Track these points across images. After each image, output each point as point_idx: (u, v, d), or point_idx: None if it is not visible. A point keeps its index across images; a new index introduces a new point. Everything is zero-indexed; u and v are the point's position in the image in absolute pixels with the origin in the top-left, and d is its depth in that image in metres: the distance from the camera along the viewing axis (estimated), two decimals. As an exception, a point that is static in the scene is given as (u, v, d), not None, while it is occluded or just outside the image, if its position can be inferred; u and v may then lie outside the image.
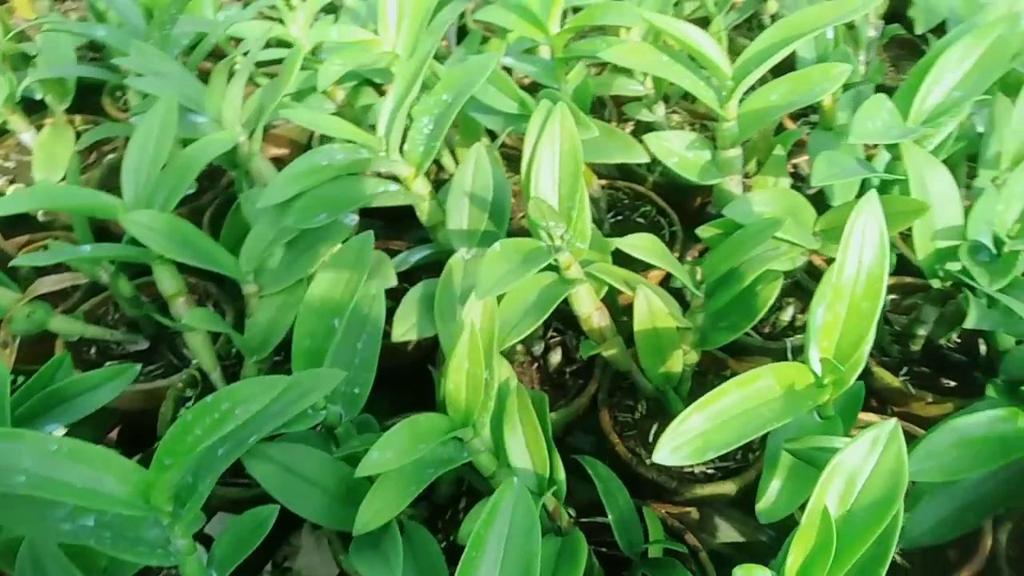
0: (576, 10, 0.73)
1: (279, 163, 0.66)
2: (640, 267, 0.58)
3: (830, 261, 0.72)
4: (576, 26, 0.70)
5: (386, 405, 0.58)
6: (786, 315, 0.70)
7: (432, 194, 0.62)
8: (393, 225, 0.79)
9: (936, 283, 0.57)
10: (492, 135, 0.85)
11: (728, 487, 0.56)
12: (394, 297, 0.58)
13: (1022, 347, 0.57)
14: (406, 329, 0.55)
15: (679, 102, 0.94)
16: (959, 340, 0.68)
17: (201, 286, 0.71)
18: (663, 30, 0.58)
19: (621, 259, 0.58)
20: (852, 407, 0.50)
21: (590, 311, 0.56)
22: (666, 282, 0.72)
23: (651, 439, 0.61)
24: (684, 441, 0.42)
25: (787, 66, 0.63)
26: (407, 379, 0.65)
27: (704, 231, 0.61)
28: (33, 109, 0.88)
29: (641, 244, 0.53)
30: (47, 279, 0.62)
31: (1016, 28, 0.57)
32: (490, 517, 0.39)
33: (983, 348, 0.66)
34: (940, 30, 1.00)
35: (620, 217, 0.80)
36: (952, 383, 0.65)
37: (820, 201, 0.65)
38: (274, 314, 0.58)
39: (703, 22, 0.80)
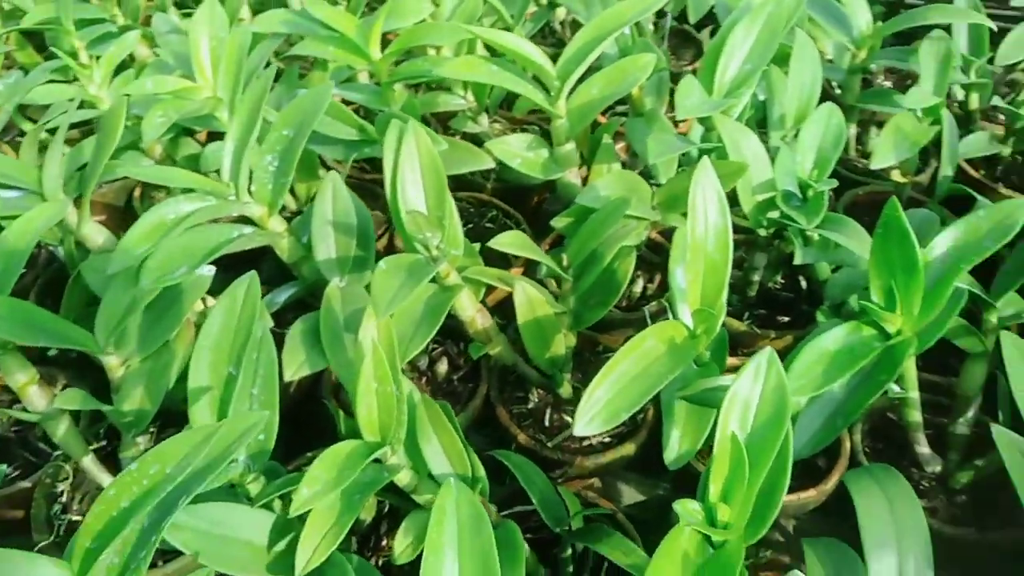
0: (387, 36, 0.74)
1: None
2: (502, 266, 0.61)
3: (663, 234, 0.80)
4: (398, 49, 0.72)
5: (282, 449, 0.56)
6: (638, 287, 0.76)
7: (289, 230, 0.61)
8: (238, 270, 0.76)
9: (762, 231, 0.65)
10: (325, 165, 0.85)
11: (628, 448, 0.60)
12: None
13: (839, 273, 0.66)
14: (297, 366, 0.54)
15: (498, 112, 0.98)
16: (783, 281, 0.77)
17: (44, 372, 0.65)
18: (491, 41, 0.61)
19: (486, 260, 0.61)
20: (721, 352, 0.56)
21: (473, 314, 0.58)
22: (526, 276, 0.76)
23: (548, 424, 0.64)
24: (596, 412, 0.45)
25: (594, 67, 0.68)
26: (295, 420, 0.64)
27: (558, 221, 0.65)
28: None
29: (511, 241, 0.56)
30: None
31: (781, 6, 0.67)
32: (438, 520, 0.40)
33: (804, 284, 0.76)
34: (709, 19, 1.13)
35: (471, 225, 0.82)
36: (786, 319, 0.74)
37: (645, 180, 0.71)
38: (145, 382, 0.55)
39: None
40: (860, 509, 0.44)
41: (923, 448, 0.59)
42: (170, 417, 0.59)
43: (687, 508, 0.40)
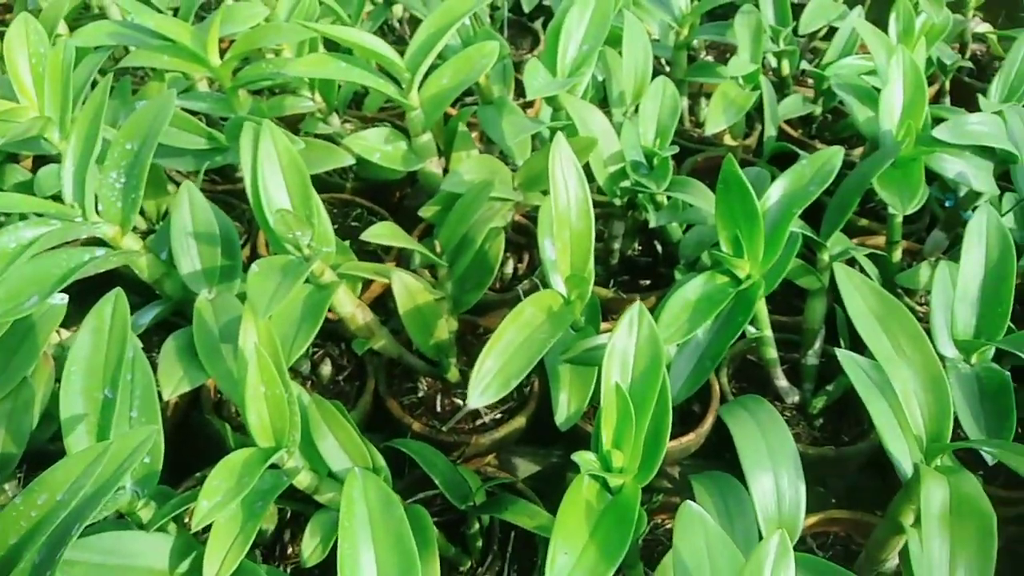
0: (221, 41, 0.72)
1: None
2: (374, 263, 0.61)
3: (526, 216, 0.83)
4: (239, 53, 0.70)
5: (167, 474, 0.54)
6: (508, 269, 0.78)
7: (146, 247, 0.59)
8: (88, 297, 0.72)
9: (617, 201, 0.69)
10: (173, 181, 0.81)
11: (519, 422, 0.63)
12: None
13: (690, 232, 0.71)
14: (175, 384, 0.52)
15: (347, 111, 0.97)
16: (640, 248, 0.82)
17: None
18: (336, 38, 0.61)
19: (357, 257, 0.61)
20: (594, 317, 0.59)
21: (352, 310, 0.58)
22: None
23: (440, 410, 0.65)
24: (488, 382, 0.47)
25: (438, 60, 0.69)
26: (174, 444, 0.61)
27: (426, 211, 0.66)
28: None
29: (383, 232, 0.57)
30: None
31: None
32: (348, 509, 0.40)
33: (660, 249, 0.81)
34: (540, 11, 1.18)
35: (336, 225, 0.81)
36: (648, 282, 0.78)
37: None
38: (6, 424, 0.51)
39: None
40: (736, 436, 0.48)
41: (782, 382, 0.66)
42: (37, 459, 0.55)
43: (585, 458, 0.42)
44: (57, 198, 0.57)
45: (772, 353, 0.64)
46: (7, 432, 0.51)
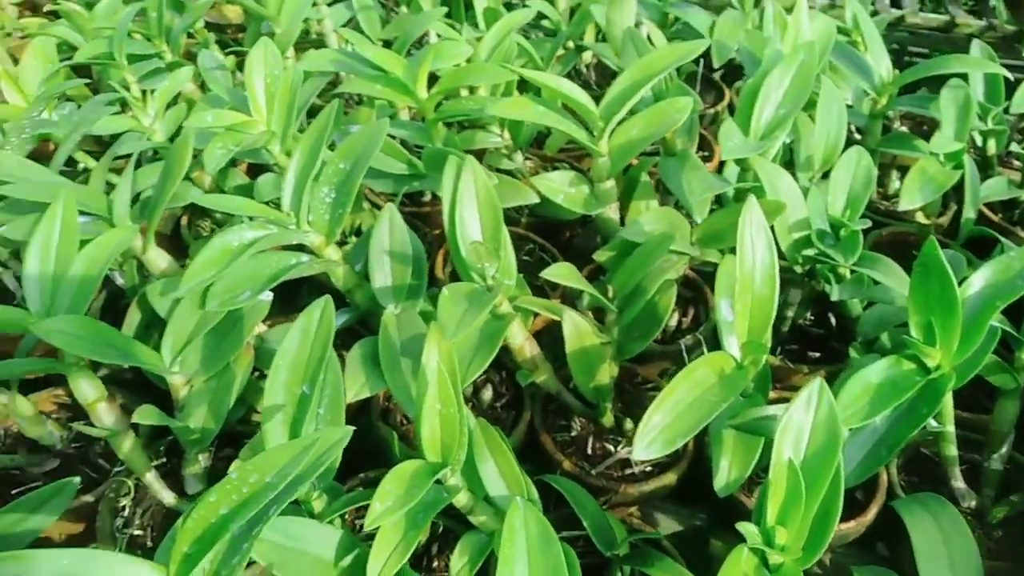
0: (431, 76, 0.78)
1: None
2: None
3: (695, 270, 0.82)
4: (444, 89, 0.75)
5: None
6: (673, 321, 0.78)
7: (344, 258, 0.64)
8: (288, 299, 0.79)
9: (798, 268, 0.68)
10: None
11: (669, 478, 0.62)
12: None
13: (871, 310, 0.68)
14: (358, 388, 0.56)
15: (530, 149, 1.01)
16: (812, 317, 0.79)
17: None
18: (537, 82, 0.65)
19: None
20: (764, 384, 0.58)
21: (522, 342, 0.60)
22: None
23: (590, 452, 0.65)
24: (654, 436, 0.47)
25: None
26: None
27: (600, 255, 0.67)
28: None
29: (561, 272, 0.59)
30: (-68, 412, 0.56)
31: (812, 54, 0.70)
32: (509, 537, 0.41)
33: (834, 321, 0.78)
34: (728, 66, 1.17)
35: (509, 258, 0.85)
36: (817, 355, 0.76)
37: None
38: (209, 401, 0.57)
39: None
40: (915, 538, 0.46)
41: (959, 483, 0.61)
42: (224, 438, 0.61)
43: (748, 530, 0.41)
44: (273, 204, 0.63)
45: (952, 451, 0.59)
46: (209, 409, 0.56)
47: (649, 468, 0.64)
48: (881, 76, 0.86)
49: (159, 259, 0.64)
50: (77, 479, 0.49)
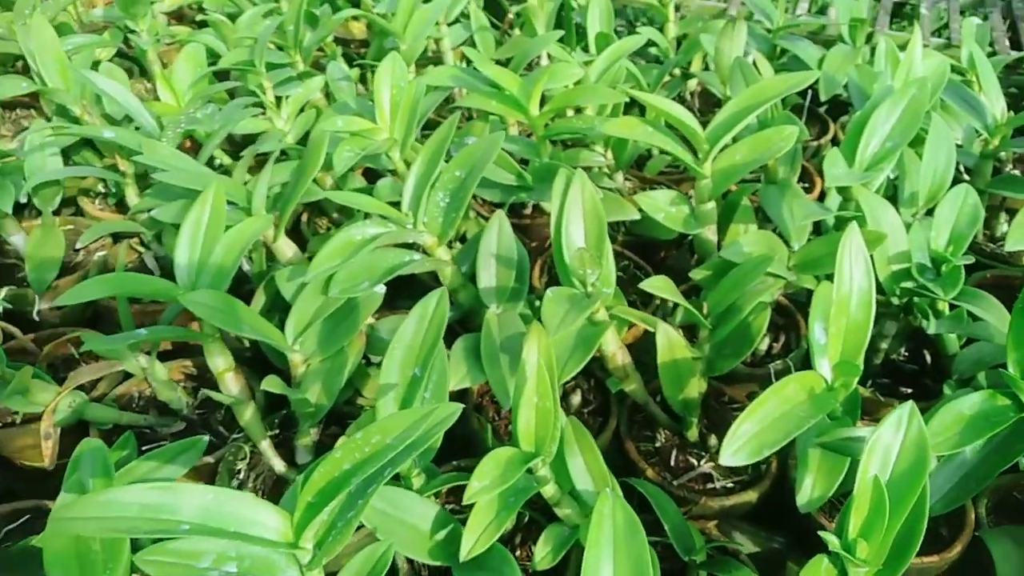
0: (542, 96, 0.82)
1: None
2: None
3: (788, 297, 0.83)
4: (555, 107, 0.79)
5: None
6: (763, 345, 0.79)
7: (452, 259, 0.68)
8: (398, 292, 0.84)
9: (895, 300, 0.68)
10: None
11: (750, 495, 0.63)
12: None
13: (969, 348, 0.68)
14: (460, 378, 0.60)
15: (629, 171, 1.04)
16: (906, 353, 0.79)
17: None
18: (648, 104, 0.68)
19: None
20: (853, 409, 0.58)
21: (615, 350, 0.63)
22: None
23: (673, 464, 0.67)
24: (742, 444, 0.49)
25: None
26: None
27: (697, 273, 0.69)
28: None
29: (659, 285, 0.61)
30: (86, 369, 0.63)
31: (923, 89, 0.70)
32: (598, 524, 0.44)
33: (929, 359, 0.77)
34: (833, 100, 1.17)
35: (604, 272, 0.88)
36: (909, 390, 0.75)
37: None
38: (323, 380, 0.62)
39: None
40: (1000, 567, 0.46)
41: (1051, 527, 0.60)
42: (331, 416, 0.66)
43: (830, 539, 0.43)
44: (392, 206, 0.68)
45: (1047, 494, 0.59)
46: (323, 387, 0.61)
47: (731, 484, 0.65)
48: (995, 116, 0.85)
49: (287, 248, 0.70)
50: (206, 437, 0.54)
